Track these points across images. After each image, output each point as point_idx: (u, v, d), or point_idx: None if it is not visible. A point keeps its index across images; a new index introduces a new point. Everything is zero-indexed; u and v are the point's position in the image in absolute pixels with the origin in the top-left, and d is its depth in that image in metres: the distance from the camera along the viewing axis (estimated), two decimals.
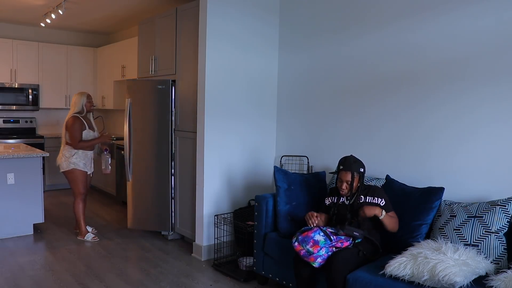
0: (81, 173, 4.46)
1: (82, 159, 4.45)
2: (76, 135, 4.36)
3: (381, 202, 2.86)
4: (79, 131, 4.37)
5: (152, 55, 4.81)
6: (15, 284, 3.41)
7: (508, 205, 2.58)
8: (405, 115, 3.32)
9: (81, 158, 4.44)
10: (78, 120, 4.38)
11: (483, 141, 2.88)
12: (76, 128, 4.36)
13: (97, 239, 4.54)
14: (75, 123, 4.36)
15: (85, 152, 4.48)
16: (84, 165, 4.47)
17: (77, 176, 4.46)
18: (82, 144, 4.38)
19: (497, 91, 2.80)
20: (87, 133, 4.45)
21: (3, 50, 6.60)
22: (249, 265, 3.63)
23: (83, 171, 4.47)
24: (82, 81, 7.36)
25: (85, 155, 4.49)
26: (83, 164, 4.46)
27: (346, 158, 2.96)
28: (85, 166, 4.49)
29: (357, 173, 2.90)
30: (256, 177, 4.31)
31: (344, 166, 2.91)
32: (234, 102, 4.11)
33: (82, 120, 4.42)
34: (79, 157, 4.43)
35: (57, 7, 5.55)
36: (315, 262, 2.69)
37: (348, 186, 2.89)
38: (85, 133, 4.43)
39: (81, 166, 4.45)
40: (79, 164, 4.43)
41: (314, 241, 2.70)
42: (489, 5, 2.82)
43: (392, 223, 2.85)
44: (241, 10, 4.07)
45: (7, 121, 6.82)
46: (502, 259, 2.52)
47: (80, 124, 4.39)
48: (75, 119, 4.37)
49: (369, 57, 3.55)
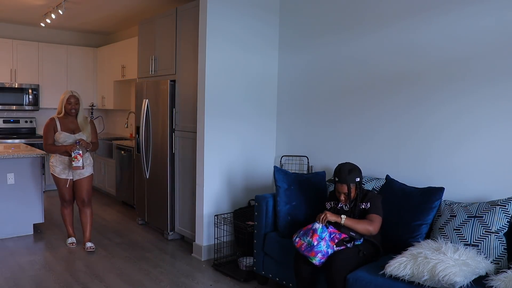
0: (57, 179, 4.19)
1: (59, 164, 4.14)
2: (44, 137, 4.11)
3: (366, 206, 2.85)
4: (48, 133, 4.08)
5: (152, 55, 4.81)
6: (15, 284, 3.41)
7: (508, 205, 2.58)
8: (405, 115, 3.32)
9: (58, 163, 4.14)
10: (50, 122, 4.11)
11: (483, 141, 2.88)
12: (45, 130, 4.12)
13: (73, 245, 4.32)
14: (46, 125, 4.12)
15: (61, 157, 4.12)
16: (60, 171, 4.15)
17: (55, 181, 4.23)
18: (49, 147, 4.10)
19: (497, 91, 2.80)
20: (64, 136, 4.07)
21: (3, 50, 6.60)
22: (249, 265, 3.63)
23: (59, 178, 4.17)
24: (82, 81, 7.36)
25: (62, 160, 4.13)
26: (59, 169, 4.15)
27: (341, 168, 2.91)
28: (62, 172, 4.15)
29: (353, 184, 2.87)
30: (256, 177, 4.31)
31: (340, 178, 2.87)
32: (234, 102, 4.11)
33: (55, 122, 4.09)
34: (56, 162, 4.15)
35: (57, 7, 5.55)
36: (315, 258, 2.68)
37: (346, 196, 2.89)
38: (61, 137, 4.07)
39: (56, 172, 4.16)
40: (54, 169, 4.16)
41: (313, 231, 2.71)
42: (489, 5, 2.82)
43: (360, 227, 2.75)
44: (241, 10, 4.07)
45: (7, 121, 6.82)
46: (502, 259, 2.52)
47: (50, 126, 4.09)
48: (48, 121, 4.12)
49: (369, 57, 3.55)
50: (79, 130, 4.14)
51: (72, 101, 4.10)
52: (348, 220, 2.77)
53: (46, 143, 4.10)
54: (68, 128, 4.12)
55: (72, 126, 4.14)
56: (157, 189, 4.71)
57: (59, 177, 4.17)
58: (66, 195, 4.24)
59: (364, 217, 2.85)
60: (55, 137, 4.08)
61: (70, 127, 4.13)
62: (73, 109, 4.10)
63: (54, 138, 4.09)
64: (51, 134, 4.09)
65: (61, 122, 4.12)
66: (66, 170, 4.15)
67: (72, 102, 4.09)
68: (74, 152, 3.95)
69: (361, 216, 2.86)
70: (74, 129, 4.13)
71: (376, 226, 2.80)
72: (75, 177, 4.18)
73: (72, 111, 4.10)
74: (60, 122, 4.11)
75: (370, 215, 2.82)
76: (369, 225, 2.78)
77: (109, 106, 7.14)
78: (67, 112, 4.11)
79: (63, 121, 4.13)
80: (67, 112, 4.11)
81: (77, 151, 3.97)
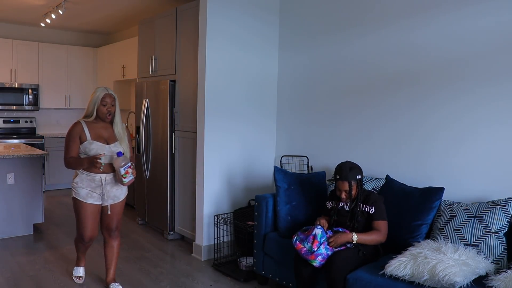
0: (81, 205, 3.06)
1: (86, 185, 3.05)
2: (66, 147, 3.05)
3: (370, 210, 2.84)
4: (72, 142, 3.03)
5: (152, 55, 4.82)
6: (15, 284, 3.41)
7: (508, 205, 2.58)
8: (405, 115, 3.32)
9: (85, 183, 3.05)
10: (75, 128, 3.05)
11: (483, 141, 2.88)
12: (67, 138, 3.06)
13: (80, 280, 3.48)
14: (69, 131, 3.06)
15: (91, 175, 3.04)
16: (87, 194, 3.04)
17: (76, 208, 3.10)
18: (71, 161, 3.03)
19: (497, 91, 2.80)
20: (96, 148, 3.01)
21: (3, 50, 6.60)
22: (249, 265, 3.63)
23: (85, 203, 3.05)
24: (82, 81, 7.37)
25: (92, 180, 3.05)
26: (85, 192, 3.04)
27: (342, 166, 2.91)
28: (89, 195, 3.05)
29: (355, 181, 2.87)
30: (256, 177, 4.31)
31: (341, 176, 2.87)
32: (234, 102, 4.11)
33: (83, 128, 3.03)
34: (82, 182, 3.06)
35: (57, 7, 5.55)
36: (315, 261, 2.69)
37: (347, 194, 2.88)
38: (92, 148, 3.01)
39: (81, 195, 3.04)
40: (79, 191, 3.05)
41: (314, 236, 2.71)
42: (489, 5, 2.82)
43: (370, 240, 2.76)
44: (241, 10, 4.07)
45: (7, 121, 6.82)
46: (502, 259, 2.52)
47: (75, 133, 3.03)
48: (73, 126, 3.08)
49: (369, 57, 3.55)
50: (113, 139, 3.11)
51: (108, 102, 3.04)
52: (359, 236, 2.74)
53: (68, 155, 3.02)
54: (100, 137, 3.06)
55: (105, 134, 3.09)
56: (157, 189, 4.71)
57: (85, 202, 3.05)
58: (90, 228, 3.11)
59: (368, 221, 2.84)
60: (82, 148, 3.03)
61: (102, 135, 3.08)
62: (109, 112, 3.05)
63: (80, 150, 3.03)
64: (76, 144, 3.03)
65: (91, 128, 3.05)
66: (96, 193, 3.07)
67: (107, 103, 3.04)
68: (123, 168, 2.96)
69: (363, 219, 2.85)
70: (108, 138, 3.09)
71: (385, 234, 2.81)
72: (108, 201, 3.13)
73: (107, 115, 3.06)
74: (89, 128, 3.05)
75: (377, 222, 2.81)
76: (378, 236, 2.78)
77: None
78: (100, 116, 3.06)
79: (93, 127, 3.07)
80: (100, 116, 3.06)
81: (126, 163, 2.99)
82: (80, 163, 3.02)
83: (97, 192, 3.07)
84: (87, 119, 3.08)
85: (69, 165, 3.06)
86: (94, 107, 3.04)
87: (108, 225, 3.21)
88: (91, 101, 3.06)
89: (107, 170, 3.05)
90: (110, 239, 3.26)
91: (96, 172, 3.02)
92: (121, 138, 3.11)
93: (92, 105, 3.05)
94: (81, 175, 3.07)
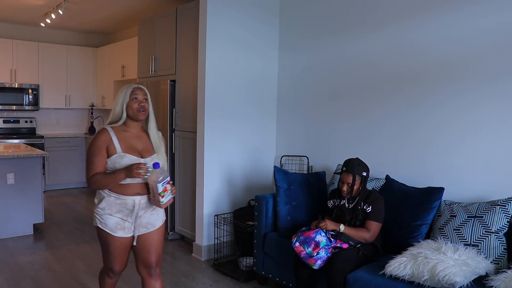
0: (108, 239, 2.36)
1: (116, 212, 2.34)
2: (90, 162, 2.32)
3: (367, 209, 2.84)
4: (97, 155, 2.31)
5: (152, 55, 4.82)
6: (15, 284, 3.41)
7: (508, 205, 2.58)
8: (405, 115, 3.32)
9: (114, 208, 2.34)
10: (102, 136, 2.32)
11: (483, 141, 2.88)
12: (91, 151, 2.33)
13: None
14: (94, 141, 2.33)
15: (121, 198, 2.33)
16: (115, 225, 2.34)
17: (103, 240, 2.40)
18: (97, 179, 2.30)
19: (497, 91, 2.80)
20: (128, 161, 2.30)
21: (3, 50, 6.60)
22: (249, 265, 3.63)
23: (113, 237, 2.35)
24: (82, 81, 7.37)
25: (123, 204, 2.34)
26: (114, 222, 2.34)
27: (351, 160, 2.94)
28: (119, 226, 2.35)
29: (359, 177, 2.87)
30: (256, 177, 4.31)
31: (347, 168, 2.89)
32: (234, 102, 4.11)
33: (110, 137, 2.32)
34: (109, 207, 2.35)
35: (57, 7, 5.55)
36: (315, 265, 2.70)
37: (348, 188, 2.87)
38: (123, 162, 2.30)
39: (109, 226, 2.34)
40: (106, 220, 2.34)
41: (316, 243, 2.70)
42: (489, 5, 2.83)
43: (357, 236, 2.76)
44: (241, 10, 4.07)
45: (7, 121, 6.82)
46: (502, 259, 2.52)
47: (102, 144, 2.31)
48: (98, 134, 2.35)
49: (369, 58, 3.55)
50: (149, 151, 2.40)
51: (139, 95, 2.37)
52: (346, 228, 2.78)
53: (93, 171, 2.31)
54: (133, 148, 2.36)
55: (139, 145, 2.39)
56: None
57: (114, 234, 2.35)
58: (121, 262, 2.44)
59: (365, 220, 2.85)
60: (110, 163, 2.31)
61: (135, 145, 2.38)
62: (143, 108, 2.36)
63: (108, 165, 2.32)
64: (103, 158, 2.32)
65: (120, 137, 2.35)
66: (129, 221, 2.37)
67: (139, 96, 2.36)
68: (162, 183, 2.27)
69: (362, 217, 2.86)
70: (143, 150, 2.38)
71: (373, 234, 2.80)
72: (139, 230, 2.41)
73: (140, 111, 2.36)
74: (119, 137, 2.34)
75: (369, 222, 2.81)
76: (365, 234, 2.78)
77: (109, 106, 7.13)
78: (132, 115, 2.36)
79: (123, 136, 2.36)
80: (132, 115, 2.36)
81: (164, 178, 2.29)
82: (114, 178, 2.27)
83: (129, 221, 2.36)
84: (115, 125, 2.37)
85: (96, 184, 2.31)
86: (123, 107, 2.35)
87: (146, 261, 2.44)
88: (118, 100, 2.38)
89: (141, 191, 2.35)
90: (150, 279, 2.46)
91: (128, 194, 2.33)
92: (158, 147, 2.42)
93: (119, 105, 2.36)
94: (108, 198, 2.34)
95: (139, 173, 2.22)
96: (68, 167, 7.05)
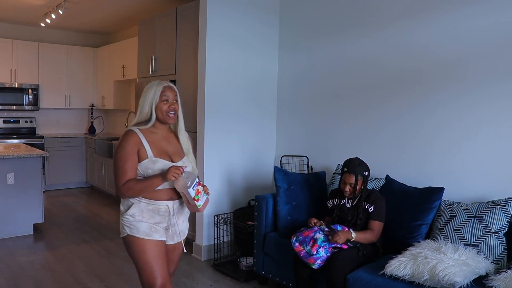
0: (143, 245, 2.15)
1: (149, 217, 2.17)
2: (120, 168, 2.13)
3: (369, 209, 2.85)
4: (128, 161, 2.13)
5: (152, 55, 4.82)
6: (15, 284, 3.41)
7: (508, 205, 2.58)
8: (405, 114, 3.32)
9: (147, 214, 2.17)
10: (131, 139, 2.15)
11: (483, 141, 2.88)
12: (120, 155, 2.14)
13: None
14: (123, 145, 2.14)
15: (153, 203, 2.17)
16: (149, 228, 2.16)
17: (137, 250, 2.16)
18: (130, 187, 2.12)
19: (498, 91, 2.80)
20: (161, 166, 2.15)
21: (3, 50, 6.60)
22: (249, 265, 3.63)
23: (148, 241, 2.15)
24: (82, 81, 7.37)
25: (155, 209, 2.18)
26: (147, 226, 2.16)
27: (351, 160, 2.95)
28: (153, 229, 2.17)
29: (361, 176, 2.88)
30: (256, 177, 4.31)
31: (348, 168, 2.90)
32: (234, 102, 4.11)
33: (140, 140, 2.15)
34: (141, 213, 2.17)
35: (57, 7, 5.55)
36: (314, 264, 2.70)
37: (351, 188, 2.88)
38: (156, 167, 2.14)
39: (142, 230, 2.15)
40: (137, 225, 2.15)
41: (314, 240, 2.71)
42: (490, 5, 2.82)
43: (364, 239, 2.78)
44: (241, 10, 4.07)
45: (7, 121, 6.82)
46: (502, 259, 2.52)
47: (132, 148, 2.14)
48: (126, 137, 2.16)
49: (369, 58, 3.55)
50: (179, 154, 2.27)
51: (170, 96, 2.23)
52: (357, 235, 2.76)
53: (125, 178, 2.12)
54: (163, 152, 2.21)
55: (169, 148, 2.25)
56: None
57: (150, 239, 2.16)
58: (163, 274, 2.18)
59: (367, 219, 2.85)
60: (140, 168, 2.15)
61: (166, 149, 2.23)
62: (173, 111, 2.23)
63: (138, 171, 2.16)
64: (134, 163, 2.14)
65: (150, 140, 2.19)
66: (162, 225, 2.20)
67: (169, 98, 2.22)
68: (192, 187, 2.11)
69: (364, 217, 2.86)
70: (172, 153, 2.24)
71: (377, 234, 2.83)
72: (173, 239, 2.30)
73: (170, 114, 2.22)
74: (148, 140, 2.18)
75: (372, 222, 2.83)
76: (370, 235, 2.80)
77: (109, 106, 7.14)
78: (160, 118, 2.21)
79: (153, 139, 2.20)
80: (160, 118, 2.21)
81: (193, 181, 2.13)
82: (151, 183, 2.09)
83: (161, 227, 2.19)
84: (143, 127, 2.19)
85: (130, 192, 2.11)
86: (151, 107, 2.18)
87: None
88: (145, 99, 2.20)
89: (173, 196, 2.20)
90: None
91: (162, 198, 2.17)
92: (188, 150, 2.32)
93: (147, 105, 2.18)
94: (138, 204, 2.16)
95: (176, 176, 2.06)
96: (68, 167, 7.06)
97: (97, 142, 6.72)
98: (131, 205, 2.17)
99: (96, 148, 6.74)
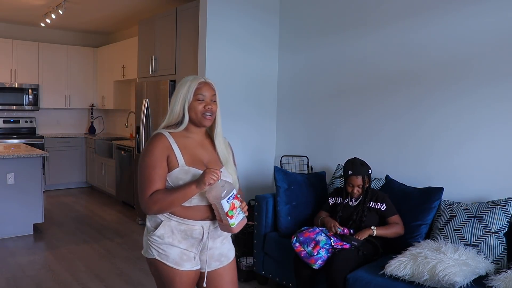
0: (173, 275, 1.83)
1: (178, 241, 1.84)
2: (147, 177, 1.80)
3: (382, 207, 2.87)
4: (157, 167, 1.80)
5: (152, 55, 4.82)
6: (15, 284, 3.41)
7: (508, 205, 2.58)
8: (405, 115, 3.32)
9: (177, 236, 1.84)
10: (160, 143, 1.83)
11: (483, 141, 2.88)
12: (147, 162, 1.81)
13: None
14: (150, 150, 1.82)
15: (184, 222, 1.83)
16: (181, 256, 1.83)
17: (163, 277, 1.86)
18: (157, 199, 1.77)
19: (497, 91, 2.80)
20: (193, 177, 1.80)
21: (3, 50, 6.60)
22: (249, 265, 3.63)
23: (179, 272, 1.83)
24: (82, 81, 7.37)
25: (188, 230, 1.84)
26: (178, 253, 1.83)
27: (353, 162, 2.96)
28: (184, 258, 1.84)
29: (367, 176, 2.91)
30: (256, 177, 4.31)
31: (354, 170, 2.91)
32: (234, 102, 4.11)
33: (170, 145, 1.82)
34: (172, 234, 1.84)
35: (57, 7, 5.55)
36: (315, 264, 2.70)
37: (360, 189, 2.91)
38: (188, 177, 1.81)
39: (173, 257, 1.83)
40: (168, 250, 1.83)
41: (316, 242, 2.71)
42: (491, 5, 2.82)
43: (391, 232, 2.82)
44: (241, 11, 4.07)
45: (7, 121, 6.82)
46: (502, 259, 2.52)
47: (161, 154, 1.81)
48: (154, 141, 1.84)
49: (369, 58, 3.55)
50: (216, 164, 1.91)
51: (207, 94, 1.91)
52: (378, 230, 2.79)
53: (152, 189, 1.78)
54: (197, 160, 1.87)
55: (205, 156, 1.91)
56: None
57: (180, 269, 1.83)
58: None
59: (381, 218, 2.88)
60: (170, 179, 1.82)
61: (200, 156, 1.90)
62: (210, 112, 1.89)
63: (167, 182, 1.82)
64: (163, 171, 1.81)
65: (182, 145, 1.86)
66: (192, 252, 1.87)
67: (206, 96, 1.90)
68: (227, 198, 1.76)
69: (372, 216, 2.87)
70: (208, 162, 1.90)
71: (403, 226, 2.87)
72: (211, 265, 1.92)
73: (207, 116, 1.88)
74: (180, 145, 1.85)
75: (392, 217, 2.87)
76: (398, 228, 2.84)
77: (109, 106, 7.14)
78: (194, 119, 1.88)
79: (185, 144, 1.87)
80: (194, 119, 1.88)
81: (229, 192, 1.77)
82: (184, 193, 1.75)
83: (193, 251, 1.86)
84: (174, 131, 1.87)
85: (158, 204, 1.76)
86: (184, 107, 1.86)
87: None
88: (177, 97, 1.88)
89: (209, 214, 1.85)
90: None
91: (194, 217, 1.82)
92: (227, 159, 1.96)
93: (179, 104, 1.87)
94: (168, 222, 1.82)
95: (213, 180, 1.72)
96: (68, 167, 7.06)
97: (97, 142, 6.72)
98: (160, 223, 1.82)
99: (96, 148, 6.75)
